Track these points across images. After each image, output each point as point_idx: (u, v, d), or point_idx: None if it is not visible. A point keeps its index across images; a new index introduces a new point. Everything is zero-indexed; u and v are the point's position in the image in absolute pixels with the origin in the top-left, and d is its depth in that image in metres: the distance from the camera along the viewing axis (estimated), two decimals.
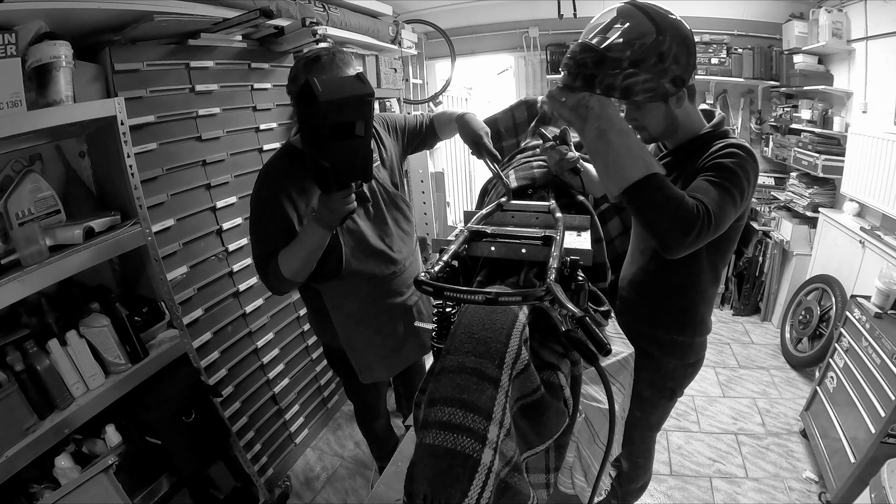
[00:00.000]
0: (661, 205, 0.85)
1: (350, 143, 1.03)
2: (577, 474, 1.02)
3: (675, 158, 1.13)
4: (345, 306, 1.39)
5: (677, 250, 0.88)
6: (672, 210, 0.85)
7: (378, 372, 1.48)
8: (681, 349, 1.25)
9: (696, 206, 0.86)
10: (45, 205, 1.33)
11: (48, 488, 1.25)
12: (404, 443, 1.16)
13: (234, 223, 1.89)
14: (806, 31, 2.95)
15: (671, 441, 2.25)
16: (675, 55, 0.93)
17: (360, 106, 1.01)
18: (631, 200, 0.89)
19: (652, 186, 0.86)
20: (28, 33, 1.19)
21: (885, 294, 1.86)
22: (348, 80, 1.05)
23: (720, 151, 1.00)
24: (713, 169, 0.97)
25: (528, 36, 3.54)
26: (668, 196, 0.86)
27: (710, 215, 0.86)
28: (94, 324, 1.34)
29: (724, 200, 0.91)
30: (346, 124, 1.01)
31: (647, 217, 0.88)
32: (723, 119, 1.12)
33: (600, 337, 0.62)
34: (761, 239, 3.32)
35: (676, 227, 0.85)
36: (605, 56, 0.90)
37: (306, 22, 1.87)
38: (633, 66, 0.90)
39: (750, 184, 0.96)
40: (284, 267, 1.21)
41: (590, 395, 0.96)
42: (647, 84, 0.92)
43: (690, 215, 0.85)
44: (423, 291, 0.72)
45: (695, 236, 0.85)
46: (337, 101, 0.97)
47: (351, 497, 2.05)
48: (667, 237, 0.87)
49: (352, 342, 1.43)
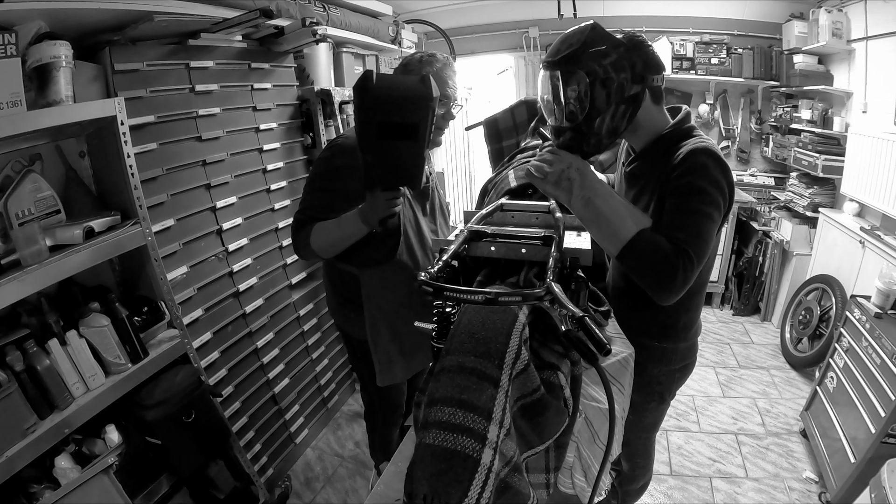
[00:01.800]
0: (648, 260, 0.90)
1: (400, 144, 0.99)
2: (577, 474, 1.02)
3: (641, 163, 1.11)
4: (381, 295, 1.39)
5: (668, 299, 0.91)
6: (656, 265, 0.89)
7: (397, 370, 1.47)
8: (665, 355, 1.24)
9: (675, 253, 0.89)
10: (45, 205, 1.33)
11: (48, 488, 1.24)
12: (404, 443, 1.17)
13: (235, 223, 1.89)
14: (806, 31, 2.95)
15: (671, 441, 2.25)
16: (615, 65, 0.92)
17: (415, 108, 0.97)
18: (623, 259, 0.93)
19: (640, 242, 0.91)
20: (28, 33, 1.19)
21: (885, 294, 1.86)
22: (410, 81, 1.00)
23: (682, 165, 0.97)
24: (680, 193, 0.96)
25: (528, 36, 3.54)
26: (654, 249, 0.90)
27: (689, 256, 0.89)
28: (94, 324, 1.34)
29: (700, 228, 0.92)
30: (397, 124, 0.97)
31: (637, 273, 0.93)
32: (687, 115, 1.09)
33: (600, 337, 0.62)
34: (761, 239, 3.31)
35: (662, 281, 0.89)
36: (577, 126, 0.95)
37: (306, 22, 1.87)
38: (595, 112, 0.93)
39: (721, 188, 0.95)
40: (315, 239, 1.24)
41: (590, 395, 0.96)
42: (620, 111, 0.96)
43: (671, 267, 0.88)
44: (423, 292, 0.73)
45: (681, 283, 0.89)
46: (390, 98, 0.94)
47: (351, 497, 2.05)
48: (655, 289, 0.91)
49: (376, 332, 1.43)
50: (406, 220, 1.35)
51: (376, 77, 0.94)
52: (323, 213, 1.24)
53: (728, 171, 0.98)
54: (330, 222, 1.23)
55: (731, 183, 0.99)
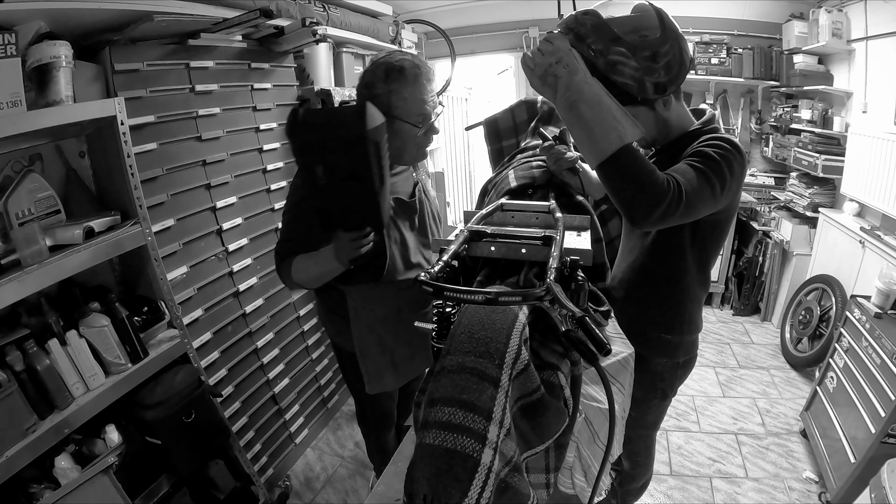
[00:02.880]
0: (631, 175, 0.86)
1: (344, 185, 0.88)
2: (577, 474, 1.02)
3: (663, 157, 1.12)
4: (369, 311, 1.35)
5: (643, 222, 0.87)
6: (641, 180, 0.85)
7: (387, 380, 1.44)
8: (669, 347, 1.25)
9: (666, 181, 0.86)
10: (45, 205, 1.33)
11: (48, 488, 1.24)
12: (404, 443, 1.17)
13: (234, 223, 1.89)
14: (806, 31, 2.95)
15: (671, 441, 2.25)
16: (669, 63, 0.95)
17: (350, 148, 0.83)
18: (603, 172, 0.88)
19: (622, 158, 0.85)
20: (28, 33, 1.19)
21: (885, 294, 1.86)
22: (344, 117, 0.87)
23: (707, 141, 0.99)
24: (695, 155, 0.96)
25: (528, 36, 3.53)
26: (640, 167, 0.86)
27: (680, 191, 0.86)
28: (94, 324, 1.34)
29: (700, 184, 0.90)
30: (335, 167, 0.86)
31: (615, 186, 0.88)
32: (713, 117, 1.12)
33: (600, 337, 0.62)
34: (761, 239, 3.32)
35: (644, 197, 0.85)
36: (604, 24, 0.92)
37: (306, 22, 1.87)
38: (627, 48, 0.92)
39: (732, 175, 0.95)
40: (296, 273, 1.21)
41: (590, 395, 0.96)
42: (631, 73, 0.94)
43: (659, 189, 0.85)
44: (423, 292, 0.72)
45: (663, 210, 0.85)
46: (320, 141, 0.83)
47: (351, 497, 2.05)
48: (632, 206, 0.87)
49: (365, 346, 1.40)
50: (391, 242, 1.28)
51: (303, 114, 0.83)
52: (301, 245, 1.19)
53: (744, 168, 0.98)
54: (308, 258, 1.17)
55: (740, 180, 0.99)
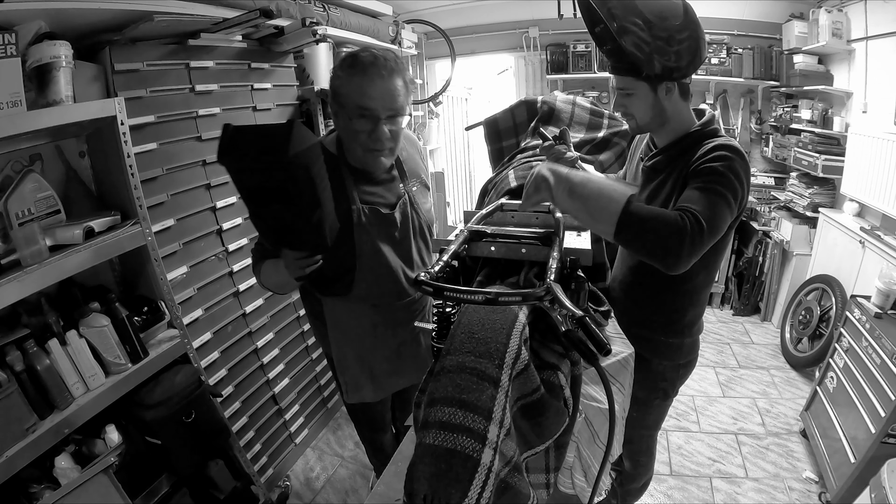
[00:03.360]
0: (645, 227, 0.86)
1: (283, 208, 0.82)
2: (577, 474, 1.02)
3: (664, 157, 1.12)
4: (345, 323, 1.32)
5: (677, 264, 0.87)
6: (655, 226, 0.86)
7: (365, 392, 1.40)
8: (670, 350, 1.24)
9: (680, 216, 0.86)
10: (45, 205, 1.33)
11: (48, 488, 1.24)
12: (404, 443, 1.16)
13: (234, 223, 1.89)
14: (806, 31, 2.95)
15: (671, 441, 2.25)
16: (681, 51, 0.98)
17: (276, 169, 0.77)
18: (621, 237, 0.89)
19: (632, 214, 0.86)
20: (28, 33, 1.19)
21: (885, 294, 1.86)
22: (272, 135, 0.80)
23: (708, 155, 0.99)
24: (700, 175, 0.96)
25: (528, 36, 3.53)
26: (649, 215, 0.87)
27: (697, 220, 0.86)
28: (94, 324, 1.34)
29: (714, 204, 0.91)
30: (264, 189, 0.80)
31: (637, 244, 0.89)
32: (713, 118, 1.12)
33: (600, 337, 0.62)
34: (761, 239, 3.31)
35: (665, 241, 0.85)
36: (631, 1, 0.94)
37: (306, 22, 1.87)
38: (645, 23, 0.94)
39: (742, 183, 0.96)
40: (263, 277, 1.20)
41: (590, 395, 0.96)
42: (642, 46, 0.96)
43: (675, 227, 0.85)
44: (423, 292, 0.72)
45: (689, 245, 0.85)
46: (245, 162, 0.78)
47: (351, 497, 2.05)
48: (658, 254, 0.87)
49: (343, 359, 1.37)
50: (365, 253, 1.21)
51: (231, 133, 0.79)
52: (269, 250, 1.16)
53: (748, 171, 0.99)
54: (270, 265, 1.14)
55: (748, 183, 0.99)
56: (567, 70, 3.48)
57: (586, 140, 1.51)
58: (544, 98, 1.61)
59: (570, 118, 1.56)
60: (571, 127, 1.54)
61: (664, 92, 1.04)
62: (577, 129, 1.54)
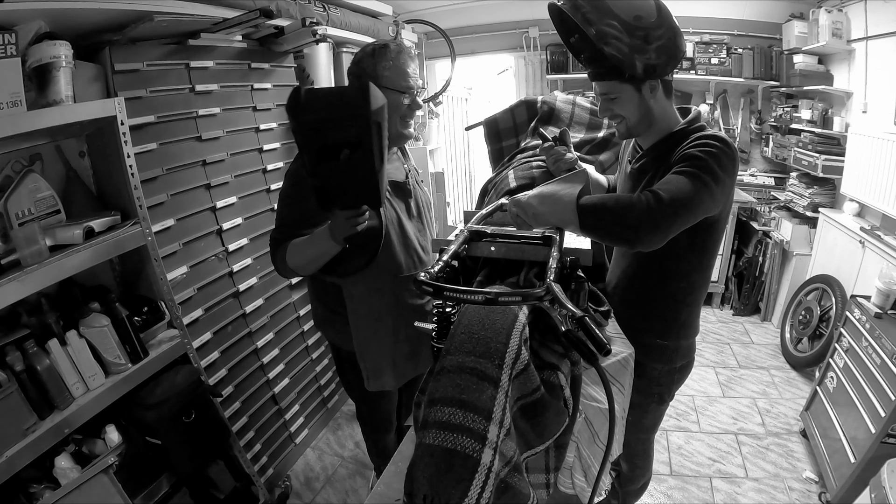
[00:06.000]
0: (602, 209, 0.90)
1: (344, 163, 0.91)
2: (577, 474, 1.02)
3: (649, 158, 1.12)
4: (366, 303, 1.35)
5: (638, 237, 0.89)
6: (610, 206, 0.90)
7: (387, 378, 1.43)
8: (665, 353, 1.23)
9: (635, 195, 0.89)
10: (45, 205, 1.33)
11: (48, 488, 1.24)
12: (404, 443, 1.16)
13: (234, 223, 1.89)
14: (806, 31, 2.95)
15: (671, 441, 2.25)
16: (659, 48, 0.97)
17: (351, 124, 0.87)
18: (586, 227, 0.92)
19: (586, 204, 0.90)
20: (28, 33, 1.19)
21: (885, 294, 1.86)
22: (345, 95, 0.91)
23: (692, 143, 1.00)
24: (681, 160, 0.97)
25: (528, 36, 3.54)
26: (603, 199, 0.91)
27: (655, 195, 0.88)
28: (94, 324, 1.34)
29: (683, 183, 0.92)
30: (336, 144, 0.89)
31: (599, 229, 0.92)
32: (699, 115, 1.11)
33: (600, 337, 0.62)
34: (761, 239, 3.31)
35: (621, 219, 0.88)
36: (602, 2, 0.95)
37: (306, 22, 1.87)
38: (621, 24, 0.94)
39: (723, 168, 0.95)
40: (291, 258, 1.21)
41: (590, 395, 0.96)
42: (621, 48, 0.96)
43: (629, 204, 0.88)
44: (423, 292, 0.73)
45: (648, 218, 0.87)
46: (322, 119, 0.86)
47: (351, 497, 2.05)
48: (619, 234, 0.90)
49: (365, 343, 1.39)
50: (389, 222, 1.30)
51: (305, 94, 0.86)
52: (298, 228, 1.20)
53: (734, 158, 0.99)
54: (303, 240, 1.19)
55: (735, 168, 0.99)
56: (567, 70, 3.48)
57: (586, 140, 1.51)
58: (544, 98, 1.61)
59: (570, 118, 1.56)
60: (571, 127, 1.54)
61: (649, 90, 1.04)
62: (577, 129, 1.54)
